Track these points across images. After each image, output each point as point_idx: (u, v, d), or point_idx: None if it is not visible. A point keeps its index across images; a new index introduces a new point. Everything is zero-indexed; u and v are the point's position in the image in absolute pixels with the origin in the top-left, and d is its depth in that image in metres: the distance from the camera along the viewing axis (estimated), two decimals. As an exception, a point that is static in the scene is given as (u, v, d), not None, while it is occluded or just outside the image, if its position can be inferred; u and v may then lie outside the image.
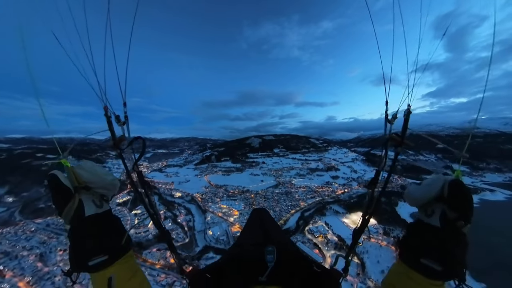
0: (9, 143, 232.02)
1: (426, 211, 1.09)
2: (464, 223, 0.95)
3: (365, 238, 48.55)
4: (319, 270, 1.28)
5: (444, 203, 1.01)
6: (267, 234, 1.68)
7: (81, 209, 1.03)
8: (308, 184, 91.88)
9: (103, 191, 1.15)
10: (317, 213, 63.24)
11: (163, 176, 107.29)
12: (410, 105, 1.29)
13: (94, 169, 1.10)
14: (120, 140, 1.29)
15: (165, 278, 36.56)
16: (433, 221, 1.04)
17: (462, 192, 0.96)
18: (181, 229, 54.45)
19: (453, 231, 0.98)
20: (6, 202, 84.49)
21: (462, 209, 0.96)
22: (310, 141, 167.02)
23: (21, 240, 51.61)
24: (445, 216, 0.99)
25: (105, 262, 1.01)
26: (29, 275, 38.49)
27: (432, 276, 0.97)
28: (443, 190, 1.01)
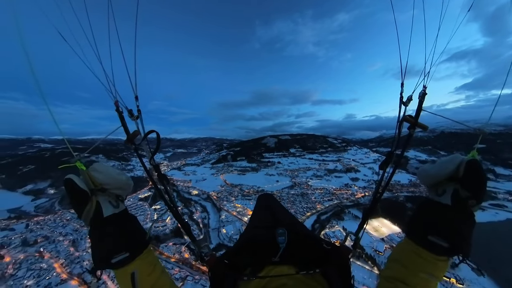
0: (52, 143, 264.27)
1: (437, 191, 1.11)
2: (475, 202, 0.97)
3: (387, 248, 44.69)
4: (329, 247, 1.36)
5: (457, 182, 1.02)
6: (276, 217, 1.79)
7: (99, 210, 1.06)
8: (325, 185, 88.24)
9: (118, 192, 1.17)
10: (334, 217, 60.20)
11: (181, 174, 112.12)
12: (425, 86, 1.31)
13: (108, 170, 1.11)
14: (134, 135, 1.29)
15: (178, 271, 37.77)
16: (444, 200, 1.05)
17: (478, 172, 0.97)
18: (196, 225, 56.04)
19: (463, 209, 0.99)
20: (49, 194, 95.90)
21: (476, 188, 0.98)
22: (328, 141, 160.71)
23: (58, 226, 58.26)
24: (457, 195, 1.01)
25: (126, 259, 1.06)
26: (63, 258, 43.14)
27: (439, 252, 1.00)
28: (458, 169, 1.02)
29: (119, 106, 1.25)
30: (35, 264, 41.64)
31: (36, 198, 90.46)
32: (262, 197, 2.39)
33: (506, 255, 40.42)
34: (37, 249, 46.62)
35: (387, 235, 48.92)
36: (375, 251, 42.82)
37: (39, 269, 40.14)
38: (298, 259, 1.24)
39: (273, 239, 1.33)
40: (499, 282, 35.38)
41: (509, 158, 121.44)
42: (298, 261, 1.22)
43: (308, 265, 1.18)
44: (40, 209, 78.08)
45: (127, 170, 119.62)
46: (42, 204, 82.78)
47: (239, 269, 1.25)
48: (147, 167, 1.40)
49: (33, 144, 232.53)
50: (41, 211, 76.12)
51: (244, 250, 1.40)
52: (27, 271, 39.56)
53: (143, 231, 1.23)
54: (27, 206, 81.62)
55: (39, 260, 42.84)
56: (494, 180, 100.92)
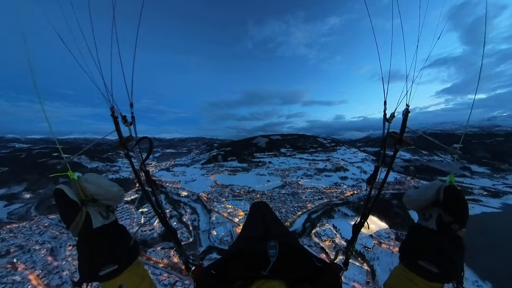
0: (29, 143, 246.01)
1: (424, 215, 1.16)
2: (458, 226, 1.01)
3: (376, 244, 46.11)
4: (320, 264, 1.34)
5: (440, 207, 1.06)
6: (268, 228, 1.77)
7: (88, 221, 1.05)
8: (315, 184, 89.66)
9: (109, 202, 1.17)
10: (324, 216, 61.27)
11: (170, 175, 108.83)
12: (408, 104, 1.37)
13: (100, 181, 1.11)
14: (127, 140, 1.32)
15: (167, 277, 36.42)
16: (430, 225, 1.10)
17: (456, 197, 1.02)
18: (185, 228, 54.44)
19: (448, 234, 1.03)
20: (24, 198, 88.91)
21: (457, 213, 1.02)
22: (318, 141, 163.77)
23: (34, 234, 53.88)
24: (441, 220, 1.05)
25: (115, 271, 1.05)
26: (40, 269, 39.87)
27: (430, 278, 1.01)
28: (438, 194, 1.06)
29: (115, 112, 1.27)
30: (6, 277, 38.05)
31: (9, 203, 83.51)
32: (256, 205, 2.31)
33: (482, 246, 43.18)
34: (10, 260, 42.75)
35: (375, 231, 50.50)
36: (364, 248, 44.02)
37: (12, 282, 36.78)
38: (288, 274, 1.21)
39: (263, 251, 1.29)
40: (478, 272, 37.68)
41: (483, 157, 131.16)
42: (288, 277, 1.19)
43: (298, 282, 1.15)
44: (14, 216, 72.10)
45: (112, 172, 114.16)
46: (16, 210, 76.54)
47: (227, 281, 1.20)
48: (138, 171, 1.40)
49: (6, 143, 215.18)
50: (15, 217, 70.29)
51: (234, 261, 1.35)
52: (-2, 284, 36.20)
53: (133, 242, 1.22)
54: (-1, 212, 75.17)
55: (11, 273, 39.20)
56: (470, 177, 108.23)
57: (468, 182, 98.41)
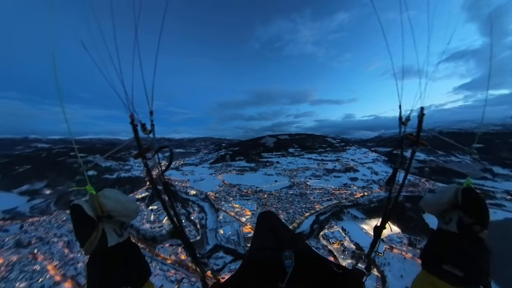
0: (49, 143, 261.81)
1: (444, 219, 1.17)
2: (480, 227, 1.01)
3: (387, 249, 44.29)
4: (340, 271, 1.26)
5: (460, 210, 1.08)
6: (279, 237, 1.73)
7: (104, 239, 1.02)
8: (324, 185, 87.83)
9: (124, 219, 1.14)
10: (333, 217, 59.80)
11: (179, 174, 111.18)
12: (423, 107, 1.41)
13: (118, 197, 1.08)
14: (147, 150, 1.32)
15: (174, 273, 37.13)
16: (451, 228, 1.11)
17: (475, 198, 1.04)
18: (193, 226, 55.27)
19: (470, 235, 1.03)
20: (44, 194, 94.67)
21: (477, 214, 1.03)
22: (327, 141, 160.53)
23: (53, 228, 57.27)
24: (461, 222, 1.07)
25: None
26: (57, 260, 42.38)
27: (455, 282, 0.99)
28: (457, 197, 1.09)
29: (134, 120, 1.27)
30: (28, 266, 40.76)
31: (31, 198, 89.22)
32: (263, 215, 2.29)
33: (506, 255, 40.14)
34: (31, 250, 45.69)
35: (387, 236, 48.47)
36: (375, 252, 42.40)
37: (32, 271, 39.28)
38: (307, 285, 1.16)
39: (278, 262, 1.24)
40: (500, 282, 35.04)
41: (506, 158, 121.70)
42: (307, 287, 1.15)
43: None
44: (36, 210, 76.93)
45: (124, 170, 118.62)
46: (38, 205, 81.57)
47: None
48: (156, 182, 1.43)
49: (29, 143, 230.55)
50: (37, 212, 74.98)
51: (249, 274, 1.32)
52: (20, 273, 38.68)
53: (145, 261, 1.19)
54: (22, 206, 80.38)
55: (32, 262, 41.94)
56: (491, 179, 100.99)
57: (490, 185, 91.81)
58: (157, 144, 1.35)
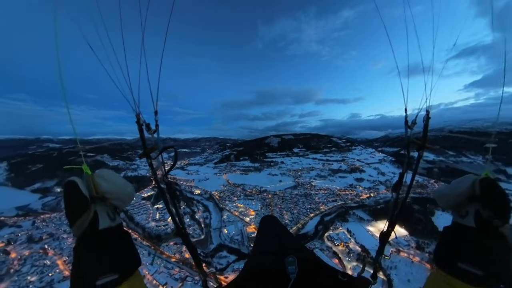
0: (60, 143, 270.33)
1: (459, 212, 1.07)
2: (501, 222, 0.91)
3: (394, 252, 43.31)
4: (345, 279, 1.20)
5: (477, 202, 0.98)
6: (282, 242, 1.68)
7: (95, 221, 0.94)
8: (329, 186, 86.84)
9: (118, 203, 1.08)
10: (338, 219, 58.99)
11: (184, 174, 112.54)
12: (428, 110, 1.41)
13: (114, 178, 1.04)
14: (152, 150, 1.32)
15: (178, 272, 37.61)
16: (468, 222, 1.01)
17: (494, 189, 0.94)
18: (197, 225, 55.82)
19: (490, 231, 0.93)
20: (55, 192, 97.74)
21: (497, 206, 0.93)
22: (332, 140, 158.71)
23: (63, 224, 58.97)
24: (479, 216, 0.96)
25: (114, 281, 0.91)
26: (66, 255, 43.69)
27: (474, 281, 0.89)
28: (474, 188, 0.99)
29: (140, 119, 1.29)
30: (39, 260, 42.29)
31: (43, 196, 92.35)
32: (266, 218, 2.24)
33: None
34: (42, 246, 47.37)
35: (394, 238, 47.48)
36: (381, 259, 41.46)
37: (43, 265, 40.73)
38: None
39: (281, 268, 1.18)
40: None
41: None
42: None
43: None
44: (47, 207, 79.60)
45: (131, 170, 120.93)
46: (49, 202, 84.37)
47: None
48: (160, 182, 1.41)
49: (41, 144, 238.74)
50: (48, 208, 77.57)
51: (251, 279, 1.25)
52: (31, 267, 40.18)
53: (135, 250, 1.10)
54: (34, 204, 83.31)
55: (43, 257, 43.51)
56: (506, 181, 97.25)
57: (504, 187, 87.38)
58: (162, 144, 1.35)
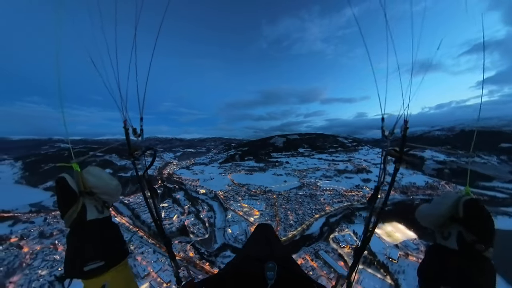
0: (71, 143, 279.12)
1: (442, 233, 1.04)
2: (484, 246, 0.88)
3: (402, 255, 41.86)
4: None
5: (460, 224, 0.95)
6: (270, 250, 1.71)
7: (83, 213, 1.07)
8: (335, 186, 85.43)
9: (106, 197, 1.19)
10: (344, 220, 57.83)
11: (190, 174, 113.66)
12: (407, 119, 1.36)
13: (100, 174, 1.15)
14: (135, 150, 1.51)
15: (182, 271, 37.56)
16: (450, 244, 0.98)
17: (479, 212, 0.90)
18: (202, 224, 56.12)
19: (473, 255, 0.90)
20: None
21: (481, 230, 0.90)
22: (338, 140, 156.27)
23: (73, 222, 60.98)
24: (462, 238, 0.93)
25: (100, 268, 1.02)
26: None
27: None
28: (457, 209, 0.95)
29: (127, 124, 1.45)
30: (49, 255, 43.70)
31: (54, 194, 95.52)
32: (261, 226, 2.27)
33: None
34: (52, 241, 48.92)
35: (402, 241, 45.98)
36: (388, 258, 40.17)
37: (53, 260, 42.03)
38: None
39: (261, 272, 1.22)
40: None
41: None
42: None
43: None
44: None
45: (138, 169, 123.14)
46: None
47: None
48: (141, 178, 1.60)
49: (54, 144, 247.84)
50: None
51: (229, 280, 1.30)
52: (42, 261, 41.55)
53: (123, 241, 1.21)
54: (46, 201, 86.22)
55: (53, 252, 44.94)
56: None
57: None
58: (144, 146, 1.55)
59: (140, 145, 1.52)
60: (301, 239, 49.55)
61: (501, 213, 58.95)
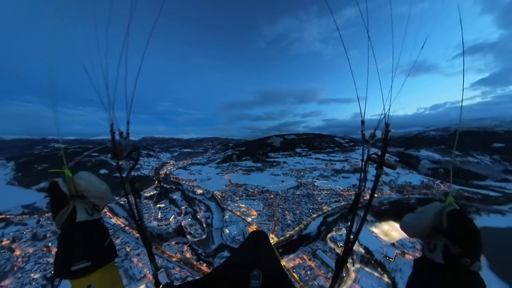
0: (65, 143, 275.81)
1: (428, 244, 0.99)
2: (469, 260, 0.83)
3: (399, 254, 42.28)
4: None
5: (445, 236, 0.90)
6: (258, 258, 1.64)
7: (73, 215, 1.12)
8: (332, 186, 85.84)
9: (96, 201, 1.23)
10: (341, 219, 58.12)
11: (187, 174, 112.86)
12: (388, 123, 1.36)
13: (91, 179, 1.22)
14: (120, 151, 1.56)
15: (179, 271, 37.44)
16: (436, 257, 0.94)
17: (463, 223, 0.86)
18: (199, 225, 55.69)
19: (459, 269, 0.86)
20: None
21: (466, 243, 0.85)
22: (335, 140, 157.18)
23: (67, 224, 59.83)
24: (448, 251, 0.89)
25: (87, 268, 1.07)
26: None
27: None
28: (441, 220, 0.91)
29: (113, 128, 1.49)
30: (42, 258, 42.76)
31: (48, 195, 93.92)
32: (254, 234, 2.21)
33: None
34: (46, 243, 47.91)
35: (398, 240, 46.44)
36: (385, 257, 40.52)
37: (46, 263, 41.12)
38: None
39: (245, 280, 1.19)
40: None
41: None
42: None
43: None
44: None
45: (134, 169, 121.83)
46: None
47: None
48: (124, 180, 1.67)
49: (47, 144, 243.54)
50: (53, 207, 78.71)
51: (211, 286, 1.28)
52: (35, 264, 40.63)
53: (111, 244, 1.26)
54: (40, 202, 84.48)
55: (46, 255, 44.00)
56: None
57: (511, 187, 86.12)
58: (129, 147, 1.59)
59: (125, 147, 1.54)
60: (298, 239, 49.62)
61: (494, 211, 60.07)
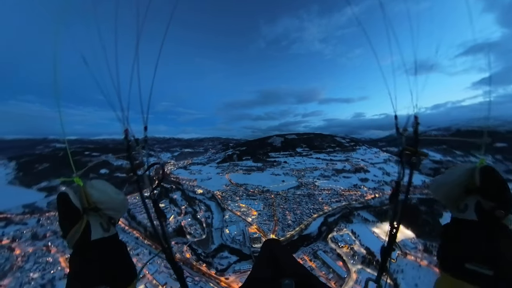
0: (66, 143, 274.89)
1: (458, 207, 0.98)
2: (503, 212, 0.84)
3: (400, 254, 41.78)
4: None
5: (477, 193, 0.90)
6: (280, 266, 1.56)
7: (87, 232, 0.96)
8: (333, 186, 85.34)
9: (111, 213, 1.08)
10: (342, 219, 57.71)
11: (187, 173, 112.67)
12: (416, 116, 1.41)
13: (105, 188, 1.05)
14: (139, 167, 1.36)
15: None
16: (468, 215, 0.92)
17: (496, 178, 0.87)
18: (199, 225, 55.44)
19: (493, 223, 0.85)
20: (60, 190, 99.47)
21: (499, 196, 0.86)
22: (336, 140, 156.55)
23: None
24: (481, 207, 0.88)
25: None
26: (68, 253, 43.82)
27: (484, 283, 0.78)
28: (473, 177, 0.91)
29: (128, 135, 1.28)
30: (41, 257, 42.71)
31: (49, 194, 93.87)
32: (267, 243, 2.08)
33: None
34: (45, 243, 47.83)
35: (400, 240, 45.93)
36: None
37: (45, 262, 41.07)
38: None
39: None
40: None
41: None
42: None
43: None
44: (52, 205, 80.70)
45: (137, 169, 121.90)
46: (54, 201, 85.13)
47: None
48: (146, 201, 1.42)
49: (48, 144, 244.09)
50: (53, 207, 78.59)
51: None
52: (34, 264, 40.56)
53: (131, 263, 1.08)
54: (40, 202, 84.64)
55: (46, 254, 43.95)
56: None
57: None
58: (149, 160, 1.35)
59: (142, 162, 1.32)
60: (299, 239, 49.22)
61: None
